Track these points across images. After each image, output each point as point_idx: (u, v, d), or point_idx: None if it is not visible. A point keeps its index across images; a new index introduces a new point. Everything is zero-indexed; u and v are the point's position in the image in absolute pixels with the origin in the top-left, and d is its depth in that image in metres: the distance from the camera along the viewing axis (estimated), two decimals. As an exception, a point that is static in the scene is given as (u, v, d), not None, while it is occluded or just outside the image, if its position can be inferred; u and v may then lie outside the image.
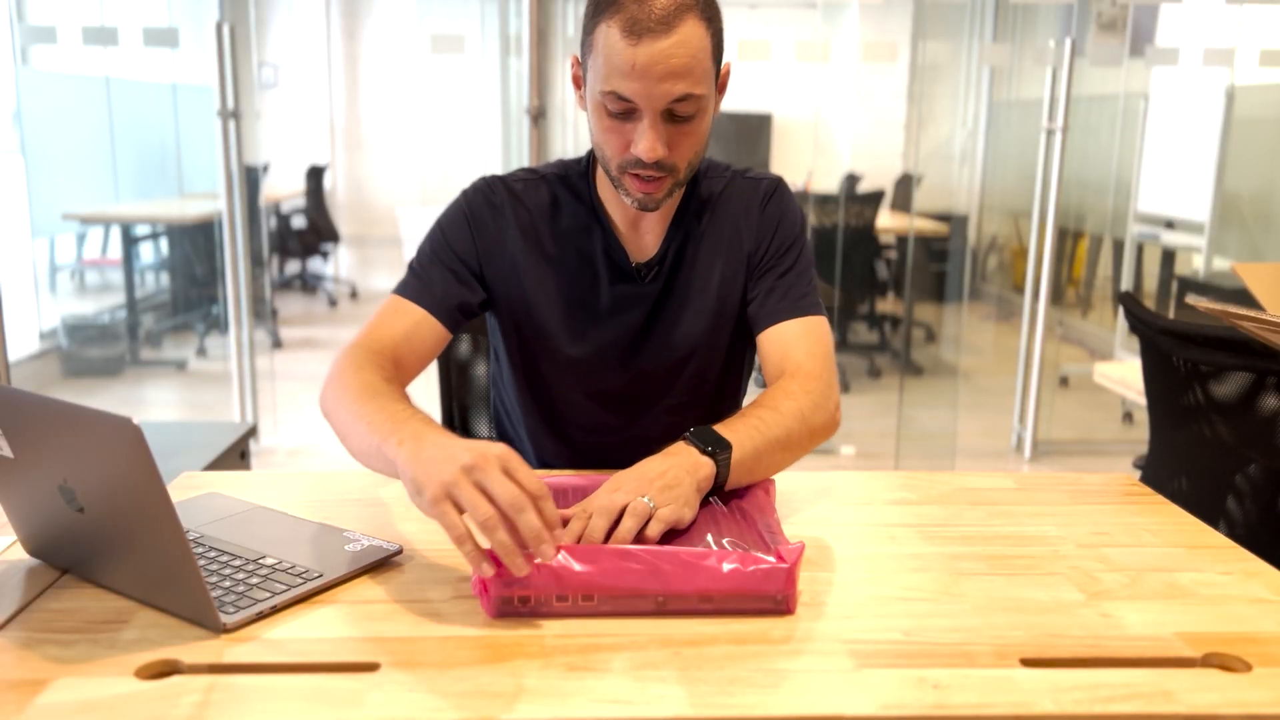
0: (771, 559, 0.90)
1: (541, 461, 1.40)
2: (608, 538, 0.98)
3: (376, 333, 1.24)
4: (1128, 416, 4.50)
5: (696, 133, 1.18)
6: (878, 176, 6.59)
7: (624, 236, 1.32)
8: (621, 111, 1.15)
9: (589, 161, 1.34)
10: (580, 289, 1.32)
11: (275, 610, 0.88)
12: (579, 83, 1.24)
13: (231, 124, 3.63)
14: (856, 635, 0.87)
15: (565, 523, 0.99)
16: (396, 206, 7.29)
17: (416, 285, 1.29)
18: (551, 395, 1.36)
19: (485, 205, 1.32)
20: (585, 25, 1.18)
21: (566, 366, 1.33)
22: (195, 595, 0.84)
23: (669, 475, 1.04)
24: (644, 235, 1.33)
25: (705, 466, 1.07)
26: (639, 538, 0.98)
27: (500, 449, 0.90)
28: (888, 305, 5.84)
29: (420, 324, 1.26)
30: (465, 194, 1.34)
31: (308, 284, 7.05)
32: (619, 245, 1.32)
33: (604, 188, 1.32)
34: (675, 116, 1.15)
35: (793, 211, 1.36)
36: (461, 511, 0.88)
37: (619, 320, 1.33)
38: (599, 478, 1.15)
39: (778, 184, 1.37)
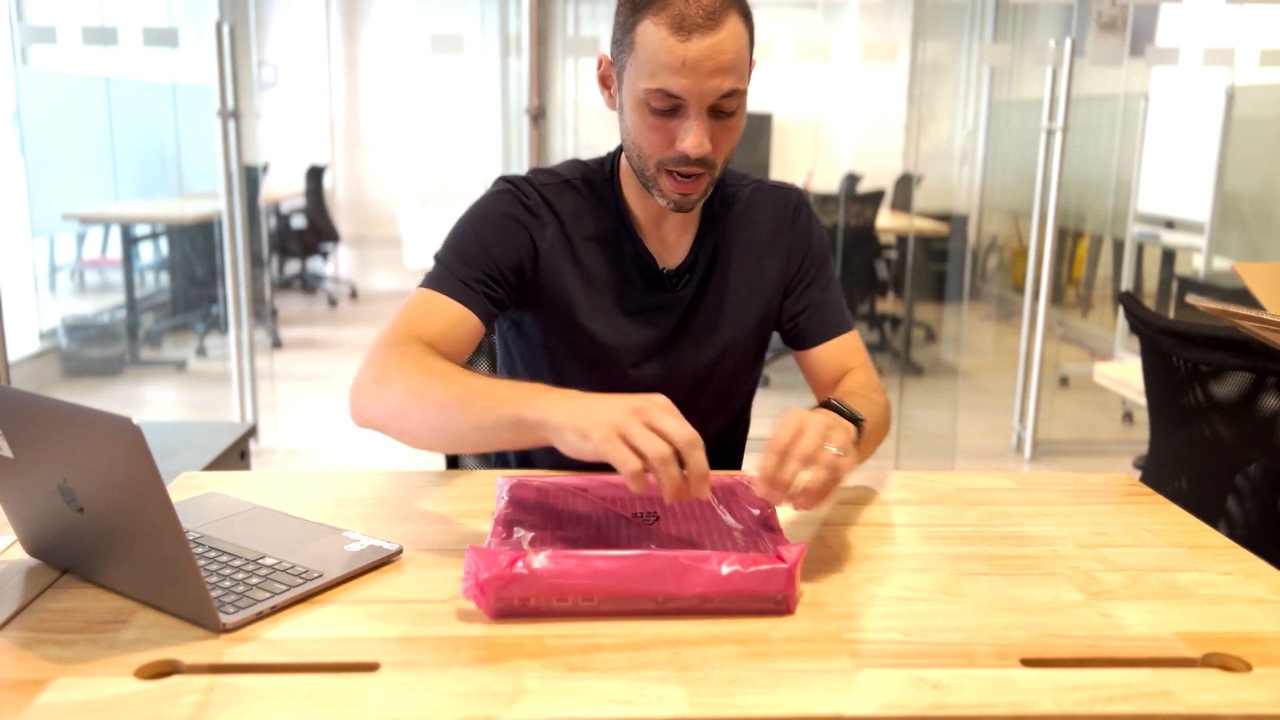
0: (771, 559, 0.90)
1: (559, 462, 1.40)
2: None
3: (414, 327, 1.20)
4: (1128, 416, 4.50)
5: (735, 129, 1.19)
6: (878, 176, 6.58)
7: (650, 242, 1.32)
8: (666, 109, 1.15)
9: (613, 166, 1.33)
10: (611, 294, 1.31)
11: (275, 610, 0.88)
12: (607, 82, 1.24)
13: (231, 124, 3.63)
14: (856, 635, 0.87)
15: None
16: (396, 206, 7.29)
17: (452, 281, 1.24)
18: None
19: (520, 208, 1.29)
20: (621, 24, 1.17)
21: (596, 370, 1.33)
22: (195, 595, 0.84)
23: (841, 432, 1.02)
24: (670, 241, 1.33)
25: (853, 431, 1.07)
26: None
27: (662, 398, 0.95)
28: (888, 305, 5.84)
29: (459, 321, 1.22)
30: (496, 195, 1.31)
31: (308, 284, 7.05)
32: (647, 252, 1.31)
33: (630, 192, 1.31)
34: (719, 113, 1.16)
35: (819, 224, 1.40)
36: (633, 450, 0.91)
37: (651, 326, 1.32)
38: (598, 478, 1.16)
39: (802, 195, 1.40)
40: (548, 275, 1.30)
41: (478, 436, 1.05)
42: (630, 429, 0.92)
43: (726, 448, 1.45)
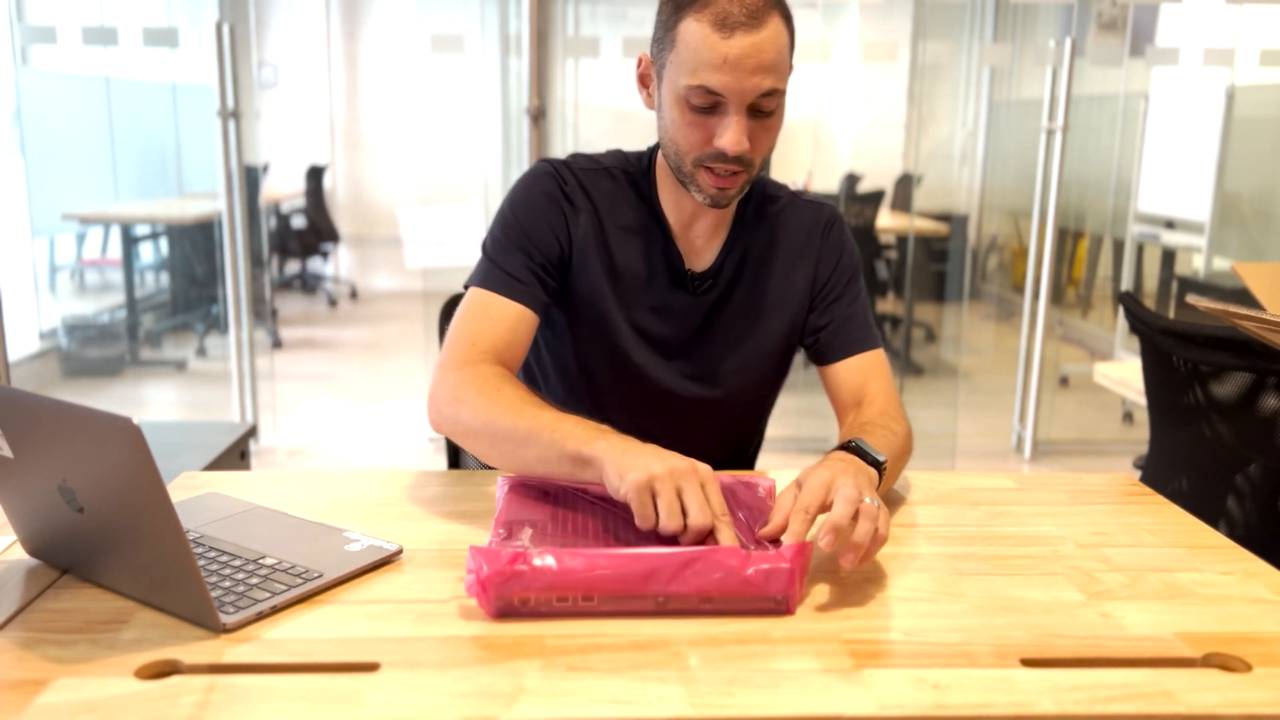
0: (772, 559, 0.89)
1: None
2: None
3: (478, 339, 1.22)
4: (1128, 416, 4.50)
5: (773, 129, 1.20)
6: (878, 176, 6.58)
7: (679, 244, 1.32)
8: (707, 105, 1.15)
9: (650, 161, 1.33)
10: (637, 287, 1.31)
11: (275, 610, 0.88)
12: (646, 81, 1.24)
13: (231, 124, 3.63)
14: (856, 635, 0.87)
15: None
16: (396, 206, 7.29)
17: (503, 278, 1.26)
18: (596, 393, 1.35)
19: (558, 191, 1.30)
20: (663, 22, 1.18)
21: (616, 365, 1.33)
22: (195, 595, 0.84)
23: (867, 481, 1.02)
24: (698, 245, 1.33)
25: (875, 479, 1.07)
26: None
27: (705, 469, 0.98)
28: (888, 305, 5.84)
29: (518, 322, 1.24)
30: (536, 177, 1.31)
31: (308, 284, 7.05)
32: (677, 251, 1.31)
33: (665, 190, 1.31)
34: (758, 111, 1.16)
35: (852, 241, 1.40)
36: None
37: (673, 325, 1.32)
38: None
39: (836, 211, 1.40)
40: (579, 261, 1.30)
41: (542, 468, 1.10)
42: (661, 487, 0.96)
43: (740, 458, 1.45)
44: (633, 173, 1.33)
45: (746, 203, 1.35)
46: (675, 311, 1.32)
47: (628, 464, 0.98)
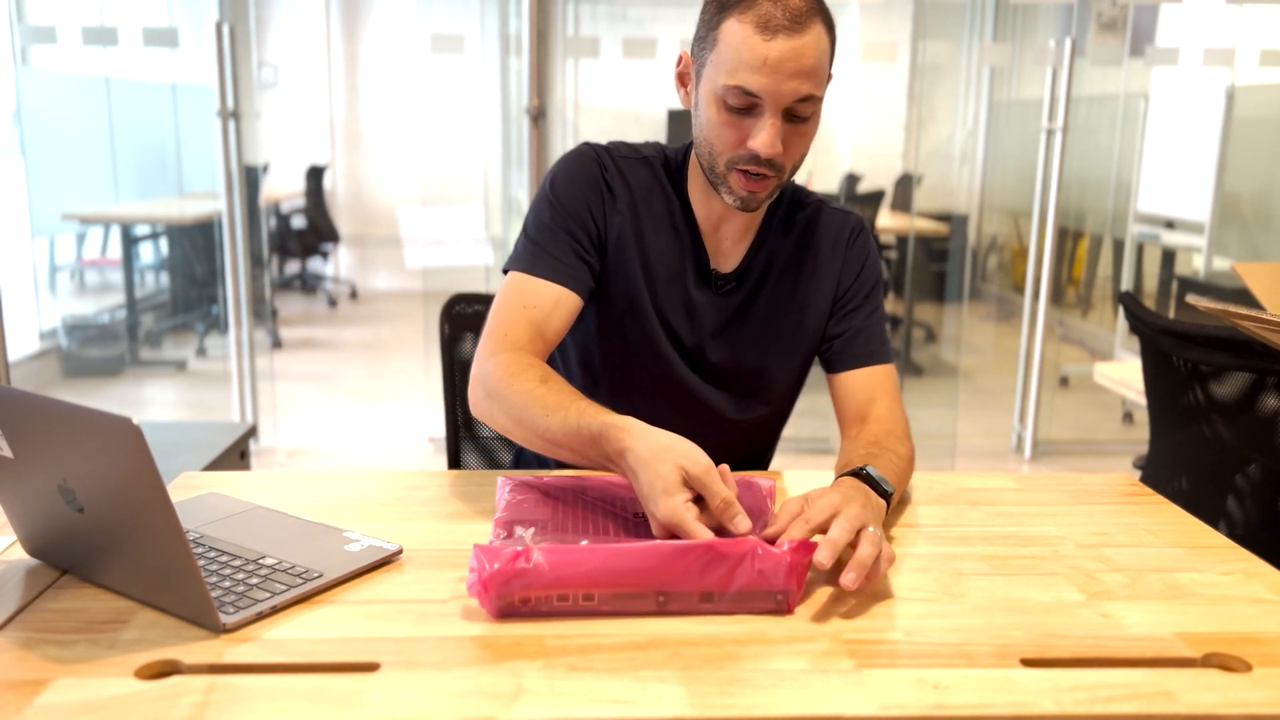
0: (773, 555, 0.89)
1: (562, 463, 1.38)
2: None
3: (512, 327, 1.22)
4: (1128, 416, 4.50)
5: (807, 135, 1.19)
6: (878, 176, 6.58)
7: (706, 243, 1.32)
8: (743, 107, 1.15)
9: (685, 157, 1.33)
10: (665, 277, 1.31)
11: (275, 610, 0.88)
12: (685, 80, 1.24)
13: (231, 124, 3.63)
14: (856, 635, 0.87)
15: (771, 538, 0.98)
16: (396, 206, 7.29)
17: (544, 260, 1.26)
18: (618, 382, 1.35)
19: (599, 175, 1.31)
20: (706, 21, 1.18)
21: (644, 355, 1.32)
22: (195, 595, 0.84)
23: (874, 513, 1.02)
24: (725, 247, 1.33)
25: (883, 510, 1.06)
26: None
27: (703, 462, 1.00)
28: (888, 305, 5.82)
29: (557, 304, 1.25)
30: (578, 159, 1.31)
31: (308, 284, 7.05)
32: (704, 249, 1.32)
33: (695, 189, 1.31)
34: (793, 116, 1.16)
35: (876, 252, 1.39)
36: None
37: (698, 323, 1.32)
38: (599, 478, 1.16)
39: (863, 222, 1.40)
40: (614, 248, 1.31)
41: (574, 460, 1.12)
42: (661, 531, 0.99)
43: (759, 462, 1.45)
44: (670, 166, 1.33)
45: (775, 208, 1.35)
46: (700, 309, 1.32)
47: (646, 494, 0.99)
